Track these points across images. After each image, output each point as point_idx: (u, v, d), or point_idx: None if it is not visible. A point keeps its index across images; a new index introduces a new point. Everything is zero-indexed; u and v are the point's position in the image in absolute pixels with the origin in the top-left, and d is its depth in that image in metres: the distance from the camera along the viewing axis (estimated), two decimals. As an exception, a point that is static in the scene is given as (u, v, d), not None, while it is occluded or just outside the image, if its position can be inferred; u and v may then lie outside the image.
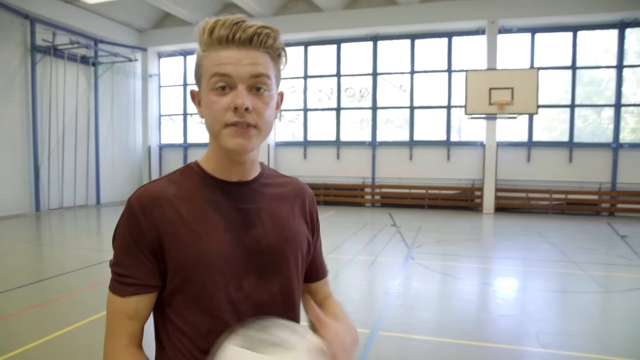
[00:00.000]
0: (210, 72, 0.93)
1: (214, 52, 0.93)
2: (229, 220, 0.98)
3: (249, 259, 0.98)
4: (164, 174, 1.06)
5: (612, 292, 5.57)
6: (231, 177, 1.02)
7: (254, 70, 0.91)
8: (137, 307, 0.95)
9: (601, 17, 12.40)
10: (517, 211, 13.33)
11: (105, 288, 1.00)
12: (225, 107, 0.91)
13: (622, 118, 12.99)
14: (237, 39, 0.91)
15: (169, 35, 15.63)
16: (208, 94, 0.94)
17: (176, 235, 0.94)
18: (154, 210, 0.94)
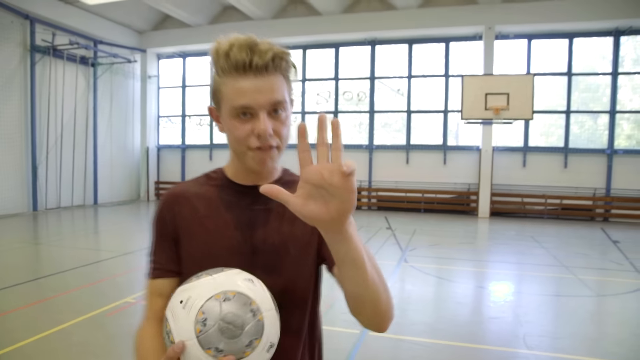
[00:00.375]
0: (231, 102, 0.98)
1: (232, 80, 0.98)
2: (240, 219, 1.08)
3: (254, 256, 1.05)
4: (193, 178, 1.20)
5: (602, 296, 5.64)
6: (247, 182, 1.11)
7: (272, 99, 0.98)
8: (162, 289, 1.09)
9: (597, 24, 12.52)
10: (513, 216, 13.42)
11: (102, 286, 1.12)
12: (248, 133, 0.99)
13: (617, 124, 13.10)
14: (254, 66, 0.96)
15: (169, 36, 15.73)
16: (230, 120, 1.00)
17: (190, 229, 1.08)
18: (175, 206, 1.10)
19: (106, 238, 9.54)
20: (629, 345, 4.11)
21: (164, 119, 17.14)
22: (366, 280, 0.85)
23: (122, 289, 5.42)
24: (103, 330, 4.13)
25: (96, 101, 14.51)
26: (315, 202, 0.75)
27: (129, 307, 4.76)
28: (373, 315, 0.92)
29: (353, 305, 0.92)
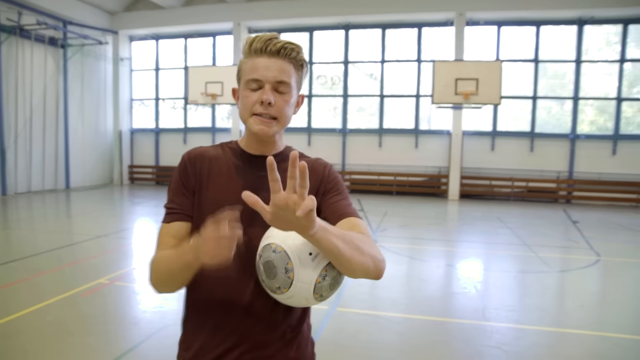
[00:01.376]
0: (247, 75, 1.23)
1: (250, 60, 1.23)
2: (247, 182, 1.26)
3: (256, 214, 1.13)
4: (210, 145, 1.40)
5: (557, 271, 6.00)
6: (256, 152, 1.31)
7: (278, 77, 1.21)
8: (179, 231, 1.25)
9: (562, 13, 12.91)
10: (481, 198, 13.85)
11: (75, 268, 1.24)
12: (254, 101, 1.22)
13: (580, 111, 13.59)
14: (268, 51, 1.21)
15: (141, 18, 15.46)
16: (244, 90, 1.24)
17: (207, 184, 1.28)
18: (197, 162, 1.30)
19: (79, 222, 9.51)
20: (576, 315, 4.43)
21: (137, 102, 16.93)
22: (346, 259, 1.05)
23: (96, 271, 5.50)
24: (78, 310, 4.22)
25: (67, 83, 14.23)
26: (281, 221, 0.96)
27: (103, 287, 4.85)
28: (365, 274, 1.12)
29: (346, 273, 1.10)
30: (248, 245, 1.18)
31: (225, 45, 15.52)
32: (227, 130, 15.52)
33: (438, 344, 3.72)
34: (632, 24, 12.92)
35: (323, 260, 1.08)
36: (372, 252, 1.13)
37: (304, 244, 1.06)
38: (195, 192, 1.28)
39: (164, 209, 1.30)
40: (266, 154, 1.30)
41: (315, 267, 1.08)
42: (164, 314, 4.20)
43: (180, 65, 16.07)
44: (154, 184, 16.50)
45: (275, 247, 1.08)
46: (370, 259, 1.11)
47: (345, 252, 1.04)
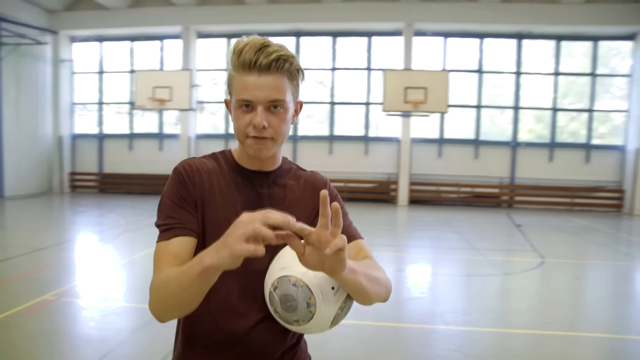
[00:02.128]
0: (238, 95, 1.14)
1: (240, 75, 1.13)
2: (246, 200, 1.20)
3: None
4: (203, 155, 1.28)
5: (506, 274, 6.26)
6: (252, 167, 1.25)
7: (270, 96, 1.12)
8: (180, 247, 1.12)
9: (503, 27, 13.61)
10: (429, 203, 14.26)
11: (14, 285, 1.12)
12: (247, 123, 1.14)
13: (520, 119, 14.33)
14: (258, 65, 1.10)
15: (84, 18, 14.76)
16: (236, 110, 1.16)
17: (207, 200, 1.18)
18: (196, 176, 1.19)
19: (15, 233, 8.91)
20: (526, 316, 4.64)
21: (79, 107, 16.14)
22: (368, 295, 1.08)
23: (38, 287, 5.16)
24: (21, 331, 3.93)
25: (0, 85, 13.34)
26: (314, 259, 0.94)
27: (48, 304, 4.57)
28: (378, 301, 1.16)
29: (362, 303, 1.13)
30: (245, 268, 1.11)
31: (174, 49, 15.13)
32: (176, 137, 15.12)
33: (397, 349, 3.77)
34: (564, 41, 13.83)
35: (343, 292, 1.07)
36: (386, 280, 1.18)
37: (325, 277, 1.02)
38: (198, 206, 1.17)
39: (158, 228, 1.16)
40: (264, 169, 1.26)
41: (337, 300, 1.07)
42: (118, 330, 4.01)
43: (126, 68, 15.50)
44: (98, 192, 15.78)
45: (295, 281, 1.03)
46: (385, 288, 1.16)
47: (368, 288, 1.07)
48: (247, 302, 1.18)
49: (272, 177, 1.26)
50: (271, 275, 1.09)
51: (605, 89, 14.24)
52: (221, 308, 1.17)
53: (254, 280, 1.17)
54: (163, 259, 1.11)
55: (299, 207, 1.26)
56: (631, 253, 8.00)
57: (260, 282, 1.15)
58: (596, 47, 13.75)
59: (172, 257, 1.10)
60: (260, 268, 1.14)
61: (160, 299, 1.06)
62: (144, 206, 12.19)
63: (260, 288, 1.15)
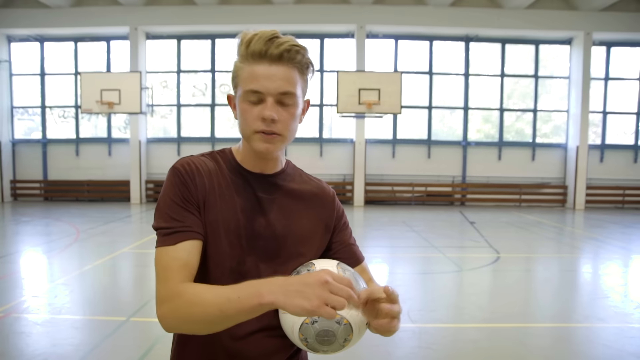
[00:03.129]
0: (245, 86, 1.07)
1: (249, 66, 1.06)
2: (246, 204, 1.14)
3: (255, 240, 1.13)
4: (200, 153, 1.21)
5: (465, 270, 6.44)
6: (254, 169, 1.18)
7: (281, 88, 1.06)
8: (190, 252, 1.04)
9: (451, 30, 14.04)
10: (385, 203, 14.48)
11: None
12: (255, 117, 1.07)
13: (469, 120, 14.82)
14: (269, 55, 1.04)
15: (22, 16, 13.90)
16: (242, 103, 1.09)
17: (209, 202, 1.11)
18: (197, 177, 1.11)
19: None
20: (488, 308, 4.79)
21: (19, 110, 15.24)
22: None
23: (-16, 303, 4.83)
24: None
25: None
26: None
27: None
28: None
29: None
30: (245, 276, 1.09)
31: (122, 50, 14.59)
32: (126, 141, 14.58)
33: (369, 349, 3.78)
34: (509, 44, 14.44)
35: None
36: None
37: (362, 313, 1.01)
38: (200, 208, 1.10)
39: (159, 230, 1.07)
40: (266, 171, 1.20)
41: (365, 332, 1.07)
42: (77, 346, 3.79)
43: (70, 70, 14.79)
44: (43, 200, 14.96)
45: (339, 319, 0.98)
46: None
47: None
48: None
49: (274, 181, 1.21)
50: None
51: (547, 90, 14.99)
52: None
53: None
54: (172, 267, 1.02)
55: (303, 217, 1.21)
56: (576, 245, 8.44)
57: None
58: (538, 51, 14.45)
59: (183, 265, 1.02)
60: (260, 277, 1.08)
61: (187, 318, 0.97)
62: (94, 214, 11.67)
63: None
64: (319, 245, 1.23)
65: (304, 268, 1.07)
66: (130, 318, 4.37)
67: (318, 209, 1.25)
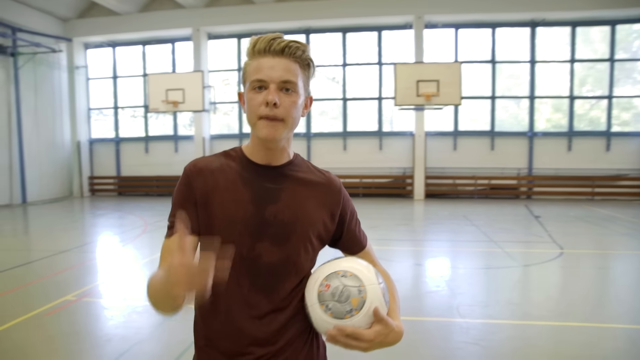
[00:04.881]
0: (251, 77, 1.19)
1: (255, 60, 1.20)
2: (255, 194, 1.23)
3: (264, 228, 1.21)
4: (214, 153, 1.33)
5: (524, 266, 6.18)
6: (262, 161, 1.27)
7: (283, 77, 1.17)
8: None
9: (515, 15, 13.38)
10: (446, 197, 14.13)
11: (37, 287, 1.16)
12: (260, 102, 1.18)
13: (536, 109, 14.09)
14: (272, 50, 1.18)
15: (96, 25, 15.00)
16: (249, 92, 1.20)
17: (210, 199, 1.22)
18: (199, 177, 1.24)
19: (38, 237, 9.10)
20: (544, 306, 4.57)
21: (95, 112, 16.41)
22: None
23: (60, 288, 5.26)
24: (43, 332, 4.01)
25: (19, 93, 13.60)
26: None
27: (69, 305, 4.65)
28: None
29: None
30: (256, 261, 1.20)
31: (185, 51, 15.26)
32: (190, 138, 15.25)
33: (416, 343, 3.75)
34: (580, 27, 13.54)
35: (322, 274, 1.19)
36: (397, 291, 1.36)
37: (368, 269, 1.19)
38: (200, 206, 1.23)
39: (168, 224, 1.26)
40: (274, 163, 1.27)
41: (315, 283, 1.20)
42: (137, 329, 4.06)
43: (139, 72, 15.69)
44: (117, 195, 16.02)
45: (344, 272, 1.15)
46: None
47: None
48: (258, 294, 1.21)
49: (281, 171, 1.28)
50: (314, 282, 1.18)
51: (626, 74, 13.90)
52: (233, 300, 1.21)
53: (263, 273, 1.21)
54: (165, 257, 1.20)
55: (311, 204, 1.28)
56: (654, 241, 7.82)
57: (269, 275, 1.20)
58: (614, 32, 13.43)
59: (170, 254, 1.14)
60: (270, 261, 1.19)
61: (149, 298, 1.16)
62: (161, 208, 12.32)
63: (270, 281, 1.20)
64: (326, 231, 1.31)
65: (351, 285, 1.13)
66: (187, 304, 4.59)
67: (324, 197, 1.31)
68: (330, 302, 1.11)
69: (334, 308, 1.11)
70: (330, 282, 1.13)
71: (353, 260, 1.21)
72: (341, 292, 1.10)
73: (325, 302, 1.12)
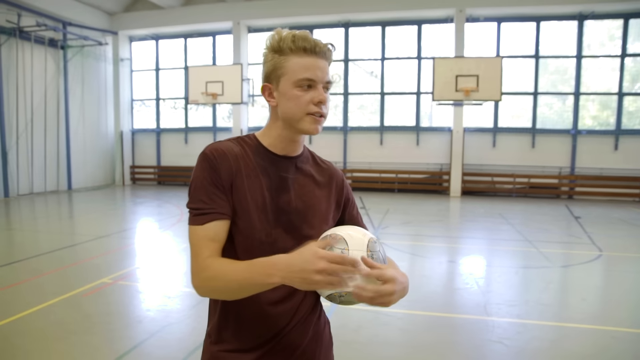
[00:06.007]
0: (296, 75, 1.22)
1: (299, 58, 1.22)
2: (271, 182, 1.28)
3: (279, 215, 1.27)
4: (227, 138, 1.33)
5: (559, 267, 5.99)
6: (280, 152, 1.31)
7: (326, 78, 1.25)
8: (216, 231, 1.20)
9: (562, 8, 12.88)
10: (483, 194, 13.83)
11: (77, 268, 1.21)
12: (308, 100, 1.22)
13: (582, 106, 13.55)
14: (317, 51, 1.22)
15: (141, 18, 15.48)
16: (294, 89, 1.23)
17: (236, 183, 1.24)
18: (224, 161, 1.24)
19: (81, 222, 9.54)
20: (575, 309, 4.44)
21: (137, 103, 16.96)
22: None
23: (98, 271, 5.52)
24: (80, 310, 4.23)
25: (67, 85, 14.25)
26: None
27: (106, 287, 4.87)
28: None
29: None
30: (272, 246, 1.24)
31: (225, 44, 15.52)
32: (229, 130, 15.53)
33: (440, 339, 3.73)
34: (633, 19, 12.87)
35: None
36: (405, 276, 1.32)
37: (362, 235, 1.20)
38: (228, 191, 1.23)
39: (191, 210, 1.22)
40: (291, 154, 1.33)
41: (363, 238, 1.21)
42: (167, 312, 4.21)
43: (180, 65, 16.08)
44: (156, 184, 16.53)
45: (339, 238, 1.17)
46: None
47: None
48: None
49: (295, 162, 1.34)
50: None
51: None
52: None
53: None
54: (202, 244, 1.19)
55: (320, 194, 1.35)
56: (703, 246, 7.41)
57: None
58: (669, 25, 12.71)
59: (210, 241, 1.19)
60: (285, 247, 1.22)
61: (214, 288, 1.18)
62: (199, 197, 12.61)
63: None
64: (332, 218, 1.39)
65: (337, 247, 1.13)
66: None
67: (331, 187, 1.40)
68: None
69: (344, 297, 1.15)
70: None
71: (353, 228, 1.23)
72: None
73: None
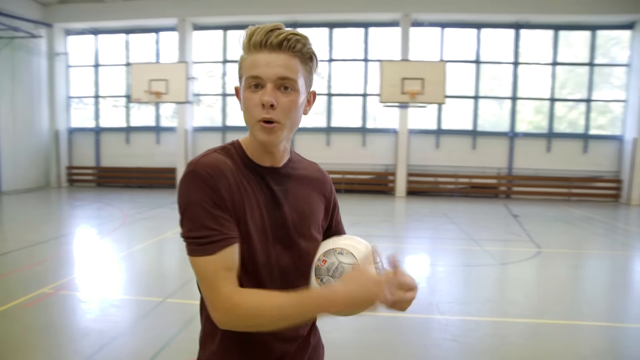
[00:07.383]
0: (246, 74, 1.10)
1: (251, 55, 1.09)
2: (263, 198, 1.17)
3: (276, 232, 1.18)
4: (210, 149, 1.18)
5: (503, 264, 6.28)
6: (265, 163, 1.19)
7: (280, 73, 1.07)
8: (231, 259, 1.08)
9: (500, 17, 13.54)
10: (427, 194, 14.27)
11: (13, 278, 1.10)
12: (256, 104, 1.09)
13: (518, 110, 14.31)
14: (269, 44, 1.07)
15: (78, 11, 14.66)
16: (245, 91, 1.11)
17: (237, 200, 1.12)
18: (222, 179, 1.10)
19: (13, 228, 8.91)
20: (522, 304, 4.67)
21: (75, 100, 16.08)
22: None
23: (37, 280, 5.17)
24: (20, 324, 3.95)
25: (-5, 79, 13.28)
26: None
27: (46, 297, 4.58)
28: None
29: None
30: (273, 266, 1.18)
31: (170, 41, 15.04)
32: (173, 130, 15.07)
33: (394, 338, 3.79)
34: (562, 30, 13.77)
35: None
36: None
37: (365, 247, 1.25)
38: (231, 209, 1.10)
39: (192, 240, 1.07)
40: (276, 164, 1.21)
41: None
42: (115, 322, 4.02)
43: (121, 61, 15.42)
44: (95, 186, 15.76)
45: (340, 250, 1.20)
46: None
47: None
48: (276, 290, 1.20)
49: (285, 171, 1.24)
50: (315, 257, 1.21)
51: (604, 79, 14.20)
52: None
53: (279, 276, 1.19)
54: (219, 277, 1.06)
55: (312, 202, 1.28)
56: (629, 243, 8.03)
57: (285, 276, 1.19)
58: (594, 37, 13.69)
59: (228, 272, 1.07)
60: (285, 264, 1.19)
61: (251, 326, 1.09)
62: (142, 200, 12.18)
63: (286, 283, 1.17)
64: (323, 225, 1.33)
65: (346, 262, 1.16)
66: (167, 299, 4.57)
67: (320, 192, 1.32)
68: (325, 276, 1.16)
69: (327, 282, 1.16)
70: (327, 258, 1.17)
71: (353, 239, 1.24)
72: (335, 268, 1.15)
73: (321, 276, 1.17)
